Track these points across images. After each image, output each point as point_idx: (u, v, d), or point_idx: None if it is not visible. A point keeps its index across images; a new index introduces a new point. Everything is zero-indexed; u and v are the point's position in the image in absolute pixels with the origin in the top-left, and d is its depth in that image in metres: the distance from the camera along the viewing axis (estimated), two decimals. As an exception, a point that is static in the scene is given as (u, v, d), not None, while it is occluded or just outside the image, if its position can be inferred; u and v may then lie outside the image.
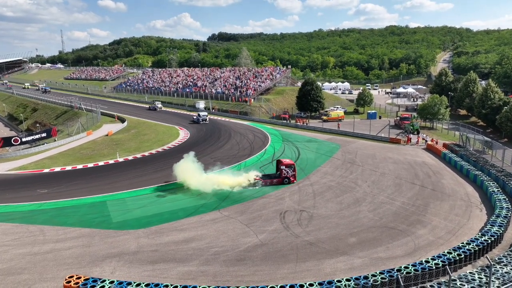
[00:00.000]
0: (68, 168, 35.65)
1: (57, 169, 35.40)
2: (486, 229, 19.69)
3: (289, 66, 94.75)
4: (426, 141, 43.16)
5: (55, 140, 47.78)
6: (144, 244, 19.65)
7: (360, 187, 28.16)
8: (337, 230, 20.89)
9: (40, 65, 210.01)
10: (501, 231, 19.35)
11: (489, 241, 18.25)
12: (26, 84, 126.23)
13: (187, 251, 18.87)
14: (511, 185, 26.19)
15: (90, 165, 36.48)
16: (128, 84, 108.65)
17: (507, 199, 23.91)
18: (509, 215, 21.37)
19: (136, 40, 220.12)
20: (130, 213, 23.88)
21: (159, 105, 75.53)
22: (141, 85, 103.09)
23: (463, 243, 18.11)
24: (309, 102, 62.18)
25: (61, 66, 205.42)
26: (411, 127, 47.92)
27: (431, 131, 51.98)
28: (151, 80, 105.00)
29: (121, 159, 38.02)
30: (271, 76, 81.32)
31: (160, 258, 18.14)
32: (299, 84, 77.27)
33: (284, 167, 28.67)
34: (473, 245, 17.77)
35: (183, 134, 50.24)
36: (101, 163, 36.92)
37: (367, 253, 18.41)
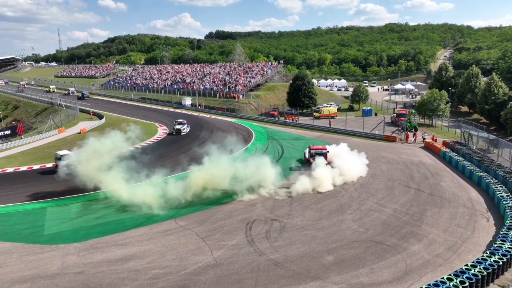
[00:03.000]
0: (23, 168, 31.84)
1: (10, 169, 31.59)
2: (496, 245, 15.84)
3: (281, 61, 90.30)
4: (425, 138, 39.28)
5: (21, 138, 43.98)
6: (70, 263, 15.84)
7: (346, 191, 24.29)
8: (312, 246, 17.04)
9: (33, 63, 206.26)
10: (514, 248, 15.51)
11: (500, 263, 14.40)
12: (51, 87, 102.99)
13: (119, 273, 15.04)
14: (522, 188, 22.33)
15: (49, 165, 32.63)
16: (116, 81, 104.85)
17: (518, 206, 20.04)
18: (523, 226, 17.53)
19: (130, 37, 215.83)
20: (69, 223, 20.08)
21: (178, 126, 44.37)
22: (129, 82, 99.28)
23: (467, 265, 14.28)
24: (300, 98, 58.32)
25: (54, 64, 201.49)
26: (408, 124, 43.97)
27: (430, 128, 48.06)
28: (140, 77, 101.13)
29: (85, 159, 34.14)
30: (262, 71, 77.40)
31: (83, 284, 14.33)
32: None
33: None
34: (480, 268, 13.96)
35: (162, 131, 46.44)
36: (61, 163, 33.14)
37: (345, 277, 14.58)
